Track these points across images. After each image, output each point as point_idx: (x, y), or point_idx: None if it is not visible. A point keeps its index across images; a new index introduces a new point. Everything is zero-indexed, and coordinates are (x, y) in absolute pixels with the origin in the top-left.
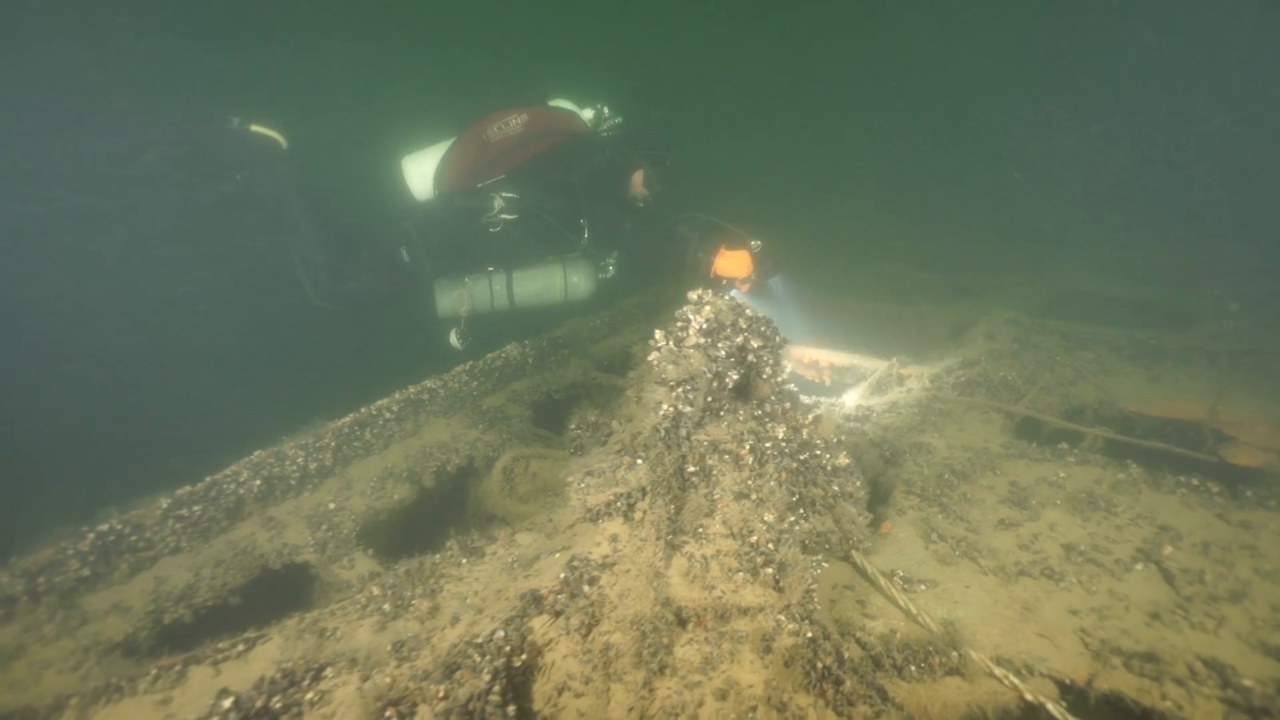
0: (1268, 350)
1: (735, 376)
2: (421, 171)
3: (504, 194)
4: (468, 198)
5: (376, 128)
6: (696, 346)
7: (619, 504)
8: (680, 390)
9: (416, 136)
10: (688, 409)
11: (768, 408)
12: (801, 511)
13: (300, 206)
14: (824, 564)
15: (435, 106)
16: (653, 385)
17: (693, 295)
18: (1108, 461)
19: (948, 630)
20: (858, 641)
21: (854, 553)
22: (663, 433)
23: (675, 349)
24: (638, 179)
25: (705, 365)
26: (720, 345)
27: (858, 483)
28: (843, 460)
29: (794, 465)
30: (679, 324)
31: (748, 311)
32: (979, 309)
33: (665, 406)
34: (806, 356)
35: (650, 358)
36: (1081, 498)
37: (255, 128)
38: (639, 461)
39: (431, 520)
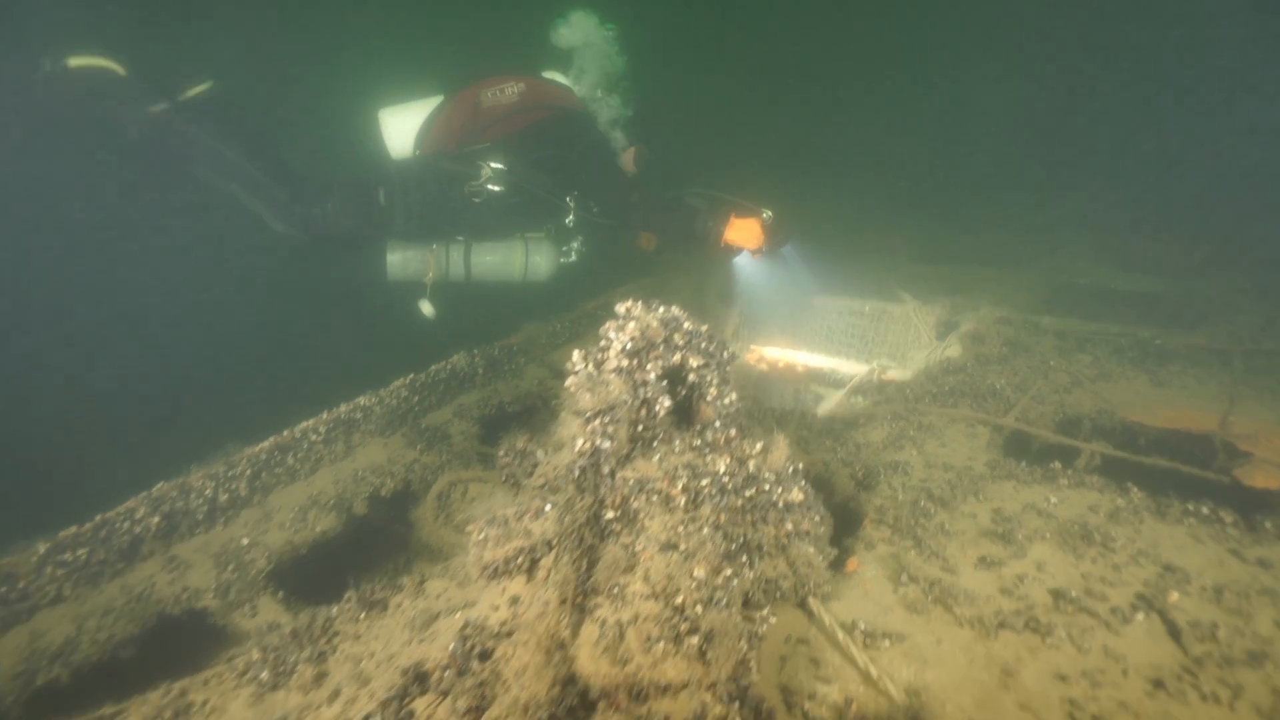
0: None
1: (668, 403)
2: (403, 128)
3: (493, 164)
4: (455, 162)
5: (349, 75)
6: (618, 370)
7: (520, 560)
8: (598, 423)
9: (395, 90)
10: (607, 444)
11: (709, 436)
12: (745, 559)
13: (206, 132)
14: (771, 618)
15: (418, 60)
16: (568, 416)
17: (620, 308)
18: (1105, 483)
19: (912, 702)
20: (805, 717)
21: (811, 599)
22: (576, 473)
23: (594, 373)
24: (628, 157)
25: (629, 392)
26: (650, 366)
27: (817, 517)
28: (797, 495)
29: (738, 503)
30: (601, 343)
31: (685, 325)
32: (969, 306)
33: (580, 442)
34: (782, 361)
35: (567, 384)
36: (1074, 530)
37: (74, 61)
38: (548, 508)
39: (362, 553)
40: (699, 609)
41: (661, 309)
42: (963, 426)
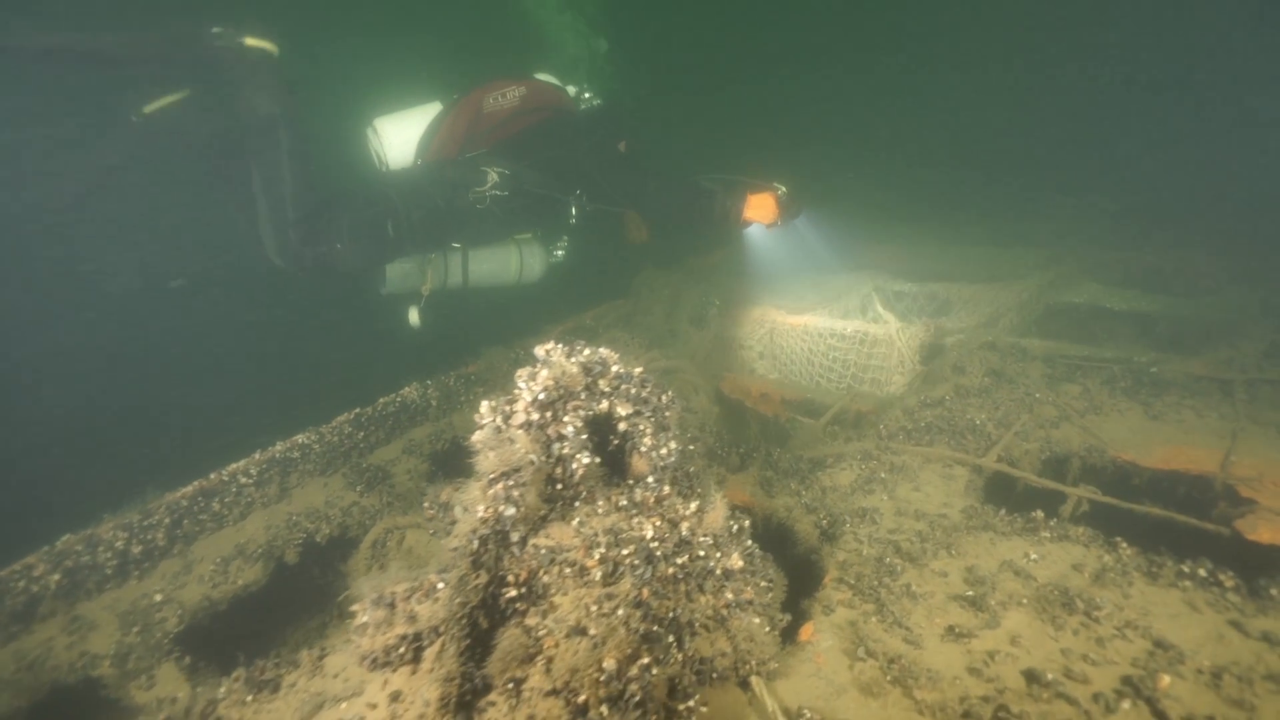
0: None
1: (587, 460)
2: (403, 137)
3: (498, 169)
4: (459, 169)
5: (344, 82)
6: (527, 425)
7: (403, 650)
8: (501, 487)
9: (388, 98)
10: (511, 511)
11: (639, 494)
12: (673, 639)
13: (288, 141)
14: (702, 708)
15: (411, 68)
16: (470, 480)
17: (539, 351)
18: (1092, 537)
19: None
20: None
21: (754, 678)
22: (475, 544)
23: (501, 427)
24: (620, 149)
25: (539, 450)
26: (568, 419)
27: (764, 583)
28: (737, 561)
29: (669, 571)
30: (511, 393)
31: (613, 369)
32: (955, 329)
33: (481, 509)
34: (756, 389)
35: (473, 438)
36: (1054, 596)
37: (250, 40)
38: (440, 585)
39: (288, 608)
40: (604, 710)
41: (586, 351)
42: (939, 467)
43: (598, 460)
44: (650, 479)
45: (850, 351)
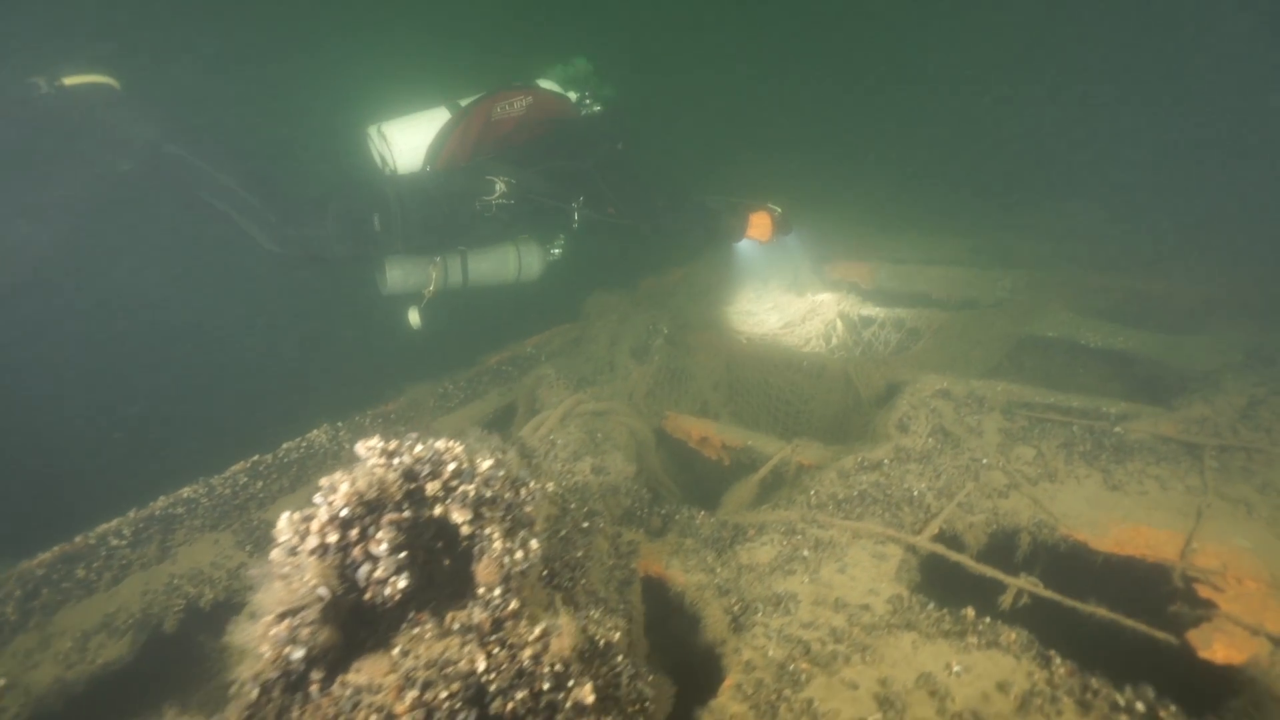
0: (1272, 448)
1: (403, 584)
2: (412, 144)
3: (504, 177)
4: (468, 178)
5: (342, 88)
6: (321, 550)
7: None
8: (285, 626)
9: (392, 103)
10: (299, 654)
11: (475, 615)
12: None
13: (192, 155)
14: None
15: (417, 74)
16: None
17: (360, 448)
18: (1025, 645)
19: None
20: None
21: None
22: (255, 693)
23: (296, 546)
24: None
25: (333, 579)
26: (381, 535)
27: (633, 708)
28: (587, 697)
29: (508, 708)
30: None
31: (449, 467)
32: (914, 366)
33: (264, 651)
34: (697, 432)
35: (270, 559)
36: None
37: (69, 80)
38: None
39: (158, 686)
40: None
41: (418, 449)
42: (870, 544)
43: (422, 580)
44: (498, 590)
45: (806, 384)
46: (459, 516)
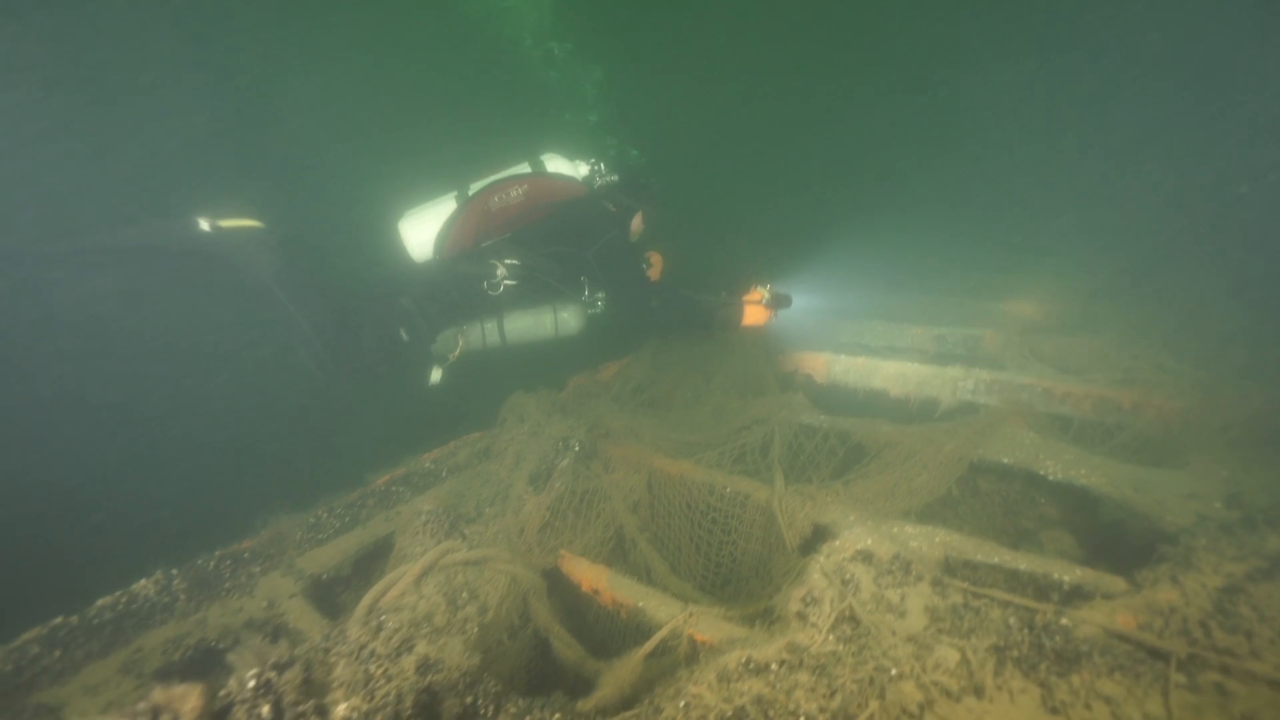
0: (1252, 661)
1: None
2: (421, 238)
3: (507, 260)
4: (471, 264)
5: (360, 188)
6: None
7: None
8: None
9: (405, 196)
10: None
11: None
12: None
13: (286, 294)
14: None
15: (425, 165)
16: None
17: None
18: None
19: None
20: None
21: None
22: None
23: None
24: (637, 222)
25: None
26: None
27: None
28: None
29: None
30: None
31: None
32: (842, 506)
33: None
34: (606, 594)
35: None
36: None
37: (226, 223)
38: None
39: None
40: None
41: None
42: None
43: None
44: None
45: (730, 514)
46: None
